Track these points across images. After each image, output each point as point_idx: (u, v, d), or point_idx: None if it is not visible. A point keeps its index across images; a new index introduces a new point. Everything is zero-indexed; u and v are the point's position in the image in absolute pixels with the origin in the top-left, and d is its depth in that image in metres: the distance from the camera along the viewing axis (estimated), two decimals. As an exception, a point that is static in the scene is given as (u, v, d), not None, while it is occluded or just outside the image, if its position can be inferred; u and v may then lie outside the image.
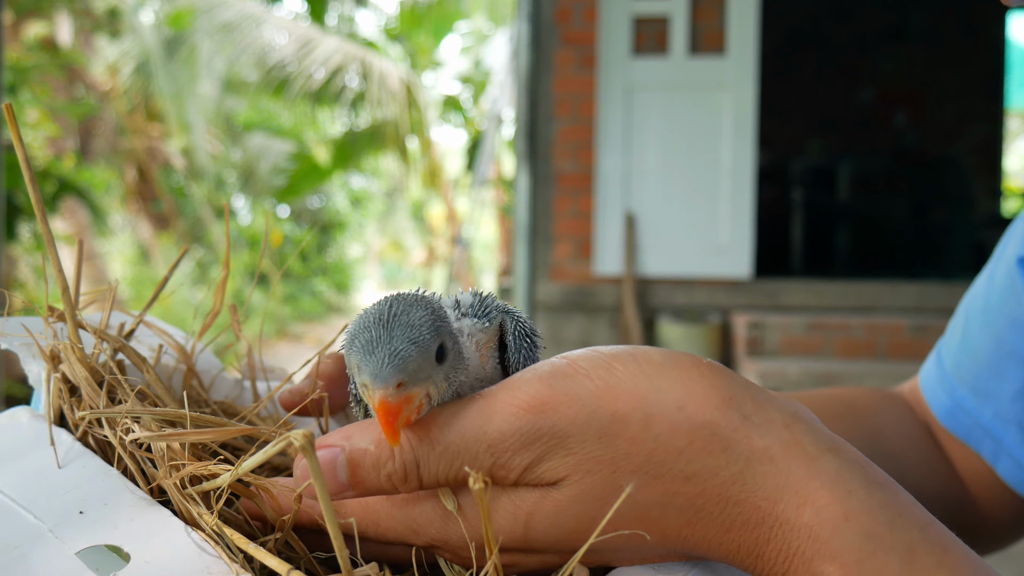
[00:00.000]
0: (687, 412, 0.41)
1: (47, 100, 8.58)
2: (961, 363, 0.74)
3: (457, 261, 9.69)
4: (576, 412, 0.41)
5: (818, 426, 0.42)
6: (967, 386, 0.73)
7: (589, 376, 0.42)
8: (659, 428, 0.40)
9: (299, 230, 15.02)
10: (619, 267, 5.41)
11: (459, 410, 0.42)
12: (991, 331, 0.72)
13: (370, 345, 0.42)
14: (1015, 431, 0.70)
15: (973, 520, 0.77)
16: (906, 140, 8.02)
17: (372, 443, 0.42)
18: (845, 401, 0.77)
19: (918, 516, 0.40)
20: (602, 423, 0.40)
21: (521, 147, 5.56)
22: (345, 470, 0.42)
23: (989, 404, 0.72)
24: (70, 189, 6.75)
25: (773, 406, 0.42)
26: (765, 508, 0.40)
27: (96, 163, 10.73)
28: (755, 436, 0.40)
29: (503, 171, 11.97)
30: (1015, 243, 0.71)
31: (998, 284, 0.72)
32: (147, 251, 13.07)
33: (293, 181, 11.48)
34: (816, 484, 0.39)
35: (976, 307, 0.74)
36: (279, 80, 10.04)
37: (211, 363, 0.65)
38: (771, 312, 5.22)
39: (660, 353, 0.43)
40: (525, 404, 0.41)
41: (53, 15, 9.42)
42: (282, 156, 12.57)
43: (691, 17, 5.37)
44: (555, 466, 0.41)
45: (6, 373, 6.15)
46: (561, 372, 0.42)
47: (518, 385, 0.42)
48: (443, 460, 0.42)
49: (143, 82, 10.70)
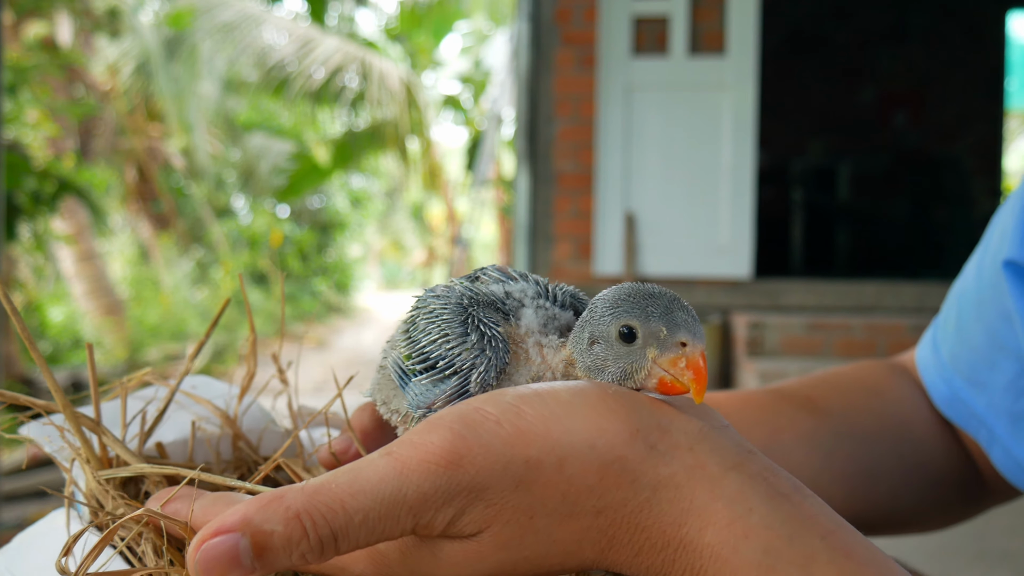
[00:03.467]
0: (597, 450, 0.41)
1: (47, 100, 8.58)
2: (957, 354, 0.75)
3: (457, 261, 9.69)
4: (492, 463, 0.40)
5: (723, 443, 0.43)
6: (963, 376, 0.75)
7: (499, 423, 0.41)
8: (572, 469, 0.41)
9: (299, 230, 15.02)
10: (619, 267, 5.41)
11: (367, 472, 0.40)
12: (984, 324, 0.73)
13: (671, 309, 0.45)
14: (1006, 421, 0.71)
15: (982, 491, 0.79)
16: (906, 140, 8.02)
17: (280, 522, 0.39)
18: (867, 387, 0.78)
19: (821, 525, 0.41)
20: (518, 472, 0.40)
21: (521, 147, 5.56)
22: (250, 555, 0.39)
23: (983, 395, 0.73)
24: (70, 189, 6.75)
25: (679, 430, 0.43)
26: (670, 532, 0.41)
27: (96, 163, 10.73)
28: (660, 465, 0.41)
29: (503, 171, 11.97)
30: (998, 241, 0.72)
31: (988, 277, 0.72)
32: (147, 251, 13.06)
33: (293, 181, 11.48)
34: (718, 505, 0.41)
35: (968, 299, 0.75)
36: (279, 80, 10.04)
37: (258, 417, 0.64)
38: (771, 312, 5.22)
39: (568, 390, 0.43)
40: (441, 460, 0.40)
41: (53, 15, 9.42)
42: (282, 156, 12.57)
43: (691, 17, 5.37)
44: (475, 518, 0.41)
45: (6, 373, 6.14)
46: (470, 421, 0.41)
47: (429, 439, 0.41)
48: (363, 530, 0.40)
49: (143, 82, 10.70)
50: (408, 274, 20.73)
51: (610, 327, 0.46)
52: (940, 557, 2.77)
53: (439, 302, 0.51)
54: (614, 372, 0.46)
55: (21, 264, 8.66)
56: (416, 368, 0.50)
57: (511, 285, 0.52)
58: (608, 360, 0.46)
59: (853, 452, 0.73)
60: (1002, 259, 0.68)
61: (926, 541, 2.85)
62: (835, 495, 0.72)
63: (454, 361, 0.48)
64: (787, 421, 0.72)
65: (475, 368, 0.48)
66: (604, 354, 0.46)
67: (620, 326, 0.46)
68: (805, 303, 5.32)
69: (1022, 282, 0.67)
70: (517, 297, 0.51)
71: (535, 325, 0.50)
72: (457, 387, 0.48)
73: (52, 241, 8.65)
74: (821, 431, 0.73)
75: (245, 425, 0.63)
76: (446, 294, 0.51)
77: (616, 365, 0.46)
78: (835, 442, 0.72)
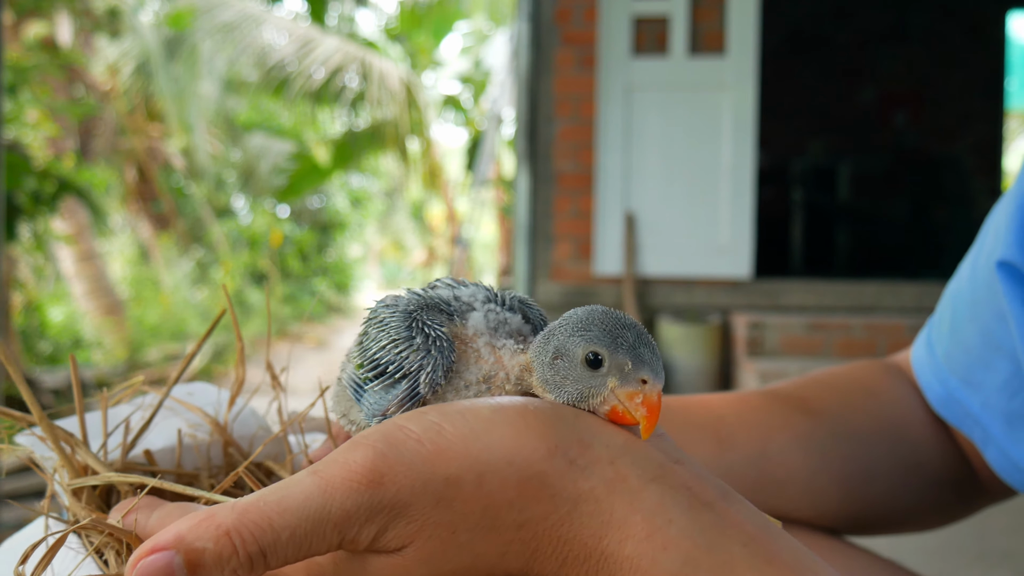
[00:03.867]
0: (516, 466, 0.42)
1: (47, 100, 8.58)
2: (952, 354, 0.76)
3: (457, 261, 9.69)
4: (413, 481, 0.42)
5: (647, 454, 0.44)
6: (958, 376, 0.75)
7: (420, 441, 0.43)
8: (491, 485, 0.42)
9: (299, 230, 15.02)
10: (619, 267, 5.41)
11: (294, 491, 0.42)
12: (979, 324, 0.73)
13: (638, 344, 0.46)
14: (1001, 421, 0.72)
15: (978, 490, 0.79)
16: (906, 140, 8.02)
17: (211, 540, 0.41)
18: (863, 387, 0.78)
19: (744, 532, 0.42)
20: (438, 489, 0.42)
21: (521, 147, 5.56)
22: (183, 572, 0.41)
23: (978, 394, 0.73)
24: (70, 189, 6.75)
25: (600, 443, 0.44)
26: (591, 544, 0.42)
27: (96, 163, 10.73)
28: (580, 479, 0.43)
29: (503, 171, 11.97)
30: (992, 241, 0.72)
31: (982, 277, 0.73)
32: (147, 251, 13.07)
33: (293, 181, 11.47)
34: (637, 518, 0.42)
35: (963, 299, 0.76)
36: (279, 80, 10.04)
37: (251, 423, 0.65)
38: (771, 312, 5.22)
39: (489, 408, 0.44)
40: (363, 478, 0.41)
41: (53, 15, 9.42)
42: (282, 156, 12.57)
43: (691, 17, 5.37)
44: (399, 534, 0.42)
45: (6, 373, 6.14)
46: (393, 440, 0.43)
47: (352, 458, 0.42)
48: (291, 546, 0.41)
49: (143, 82, 10.70)
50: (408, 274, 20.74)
51: (577, 348, 0.47)
52: (940, 557, 2.77)
53: (388, 311, 0.52)
54: (571, 392, 0.47)
55: (21, 264, 8.66)
56: (368, 376, 0.51)
57: (460, 290, 0.54)
58: (568, 379, 0.47)
59: (849, 453, 0.73)
60: (996, 260, 0.69)
61: (926, 541, 2.86)
62: (832, 496, 0.72)
63: (402, 365, 0.49)
64: (782, 422, 0.73)
65: (423, 369, 0.49)
66: (566, 372, 0.47)
67: (588, 351, 0.47)
68: (805, 303, 5.32)
69: (1016, 283, 0.67)
70: (466, 301, 0.53)
71: (484, 327, 0.51)
72: (408, 390, 0.49)
73: (52, 241, 8.65)
74: (817, 432, 0.73)
75: (237, 430, 0.63)
76: (395, 303, 0.53)
77: (575, 386, 0.47)
78: (831, 443, 0.73)
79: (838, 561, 0.69)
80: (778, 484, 0.71)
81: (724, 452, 0.70)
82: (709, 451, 0.70)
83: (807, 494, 0.72)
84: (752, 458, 0.70)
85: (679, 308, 5.41)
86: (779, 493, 0.71)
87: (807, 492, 0.71)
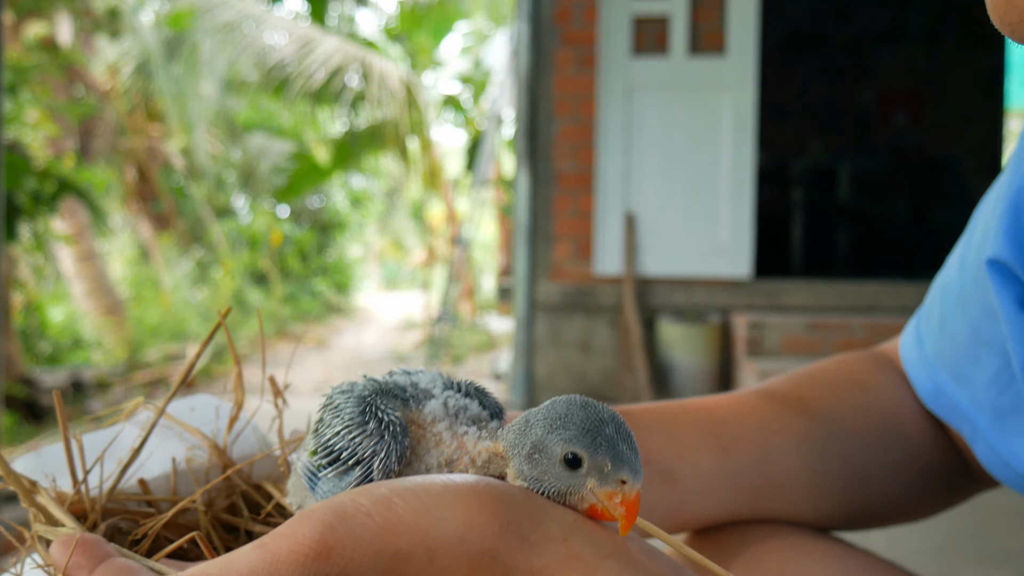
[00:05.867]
0: (467, 543, 0.42)
1: (47, 100, 8.58)
2: (941, 348, 0.76)
3: (457, 261, 9.70)
4: (361, 555, 0.41)
5: (597, 531, 0.44)
6: (947, 371, 0.75)
7: (371, 515, 0.42)
8: (442, 562, 0.42)
9: (299, 230, 15.02)
10: (619, 267, 5.41)
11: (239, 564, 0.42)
12: (967, 319, 0.73)
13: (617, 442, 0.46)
14: (989, 416, 0.71)
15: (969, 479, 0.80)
16: (906, 140, 8.02)
17: None
18: (855, 382, 0.78)
19: None
20: (387, 564, 0.41)
21: (521, 147, 5.56)
22: None
23: (966, 389, 0.73)
24: (70, 189, 6.75)
25: (551, 520, 0.44)
26: None
27: (96, 163, 10.73)
28: (533, 556, 0.42)
29: (503, 171, 11.97)
30: (980, 238, 0.72)
31: (971, 272, 0.72)
32: (147, 251, 13.07)
33: (293, 181, 11.48)
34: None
35: (951, 294, 0.76)
36: (279, 80, 10.04)
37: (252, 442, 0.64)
38: (771, 312, 5.22)
39: (441, 484, 0.44)
40: (310, 552, 0.41)
41: (53, 15, 9.42)
42: (282, 156, 12.57)
43: (691, 17, 5.37)
44: None
45: (6, 373, 6.14)
46: (342, 513, 0.42)
47: (300, 531, 0.42)
48: None
49: (143, 82, 10.70)
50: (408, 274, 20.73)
51: (556, 448, 0.47)
52: (940, 557, 2.77)
53: (343, 396, 0.52)
54: (550, 490, 0.47)
55: (21, 264, 8.66)
56: (322, 463, 0.51)
57: (418, 376, 0.54)
58: (547, 476, 0.47)
59: (846, 452, 0.73)
60: (986, 257, 0.68)
61: (926, 541, 2.86)
62: (833, 496, 0.72)
63: (356, 451, 0.49)
64: (780, 425, 0.73)
65: (376, 455, 0.49)
66: (544, 468, 0.47)
67: (567, 452, 0.47)
68: (805, 303, 5.32)
69: (1007, 281, 0.67)
70: (424, 387, 0.53)
71: (443, 412, 0.51)
72: (361, 476, 0.49)
73: (52, 241, 8.65)
74: (814, 433, 0.73)
75: (238, 451, 0.62)
76: (350, 388, 0.52)
77: (554, 485, 0.47)
78: (828, 443, 0.73)
79: (838, 564, 0.69)
80: (780, 488, 0.71)
81: (728, 458, 0.70)
82: (713, 458, 0.70)
83: (809, 496, 0.72)
84: (755, 463, 0.70)
85: (679, 308, 5.41)
86: (782, 497, 0.71)
87: (809, 494, 0.72)
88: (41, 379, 6.82)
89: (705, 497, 0.69)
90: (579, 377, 5.46)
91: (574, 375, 5.47)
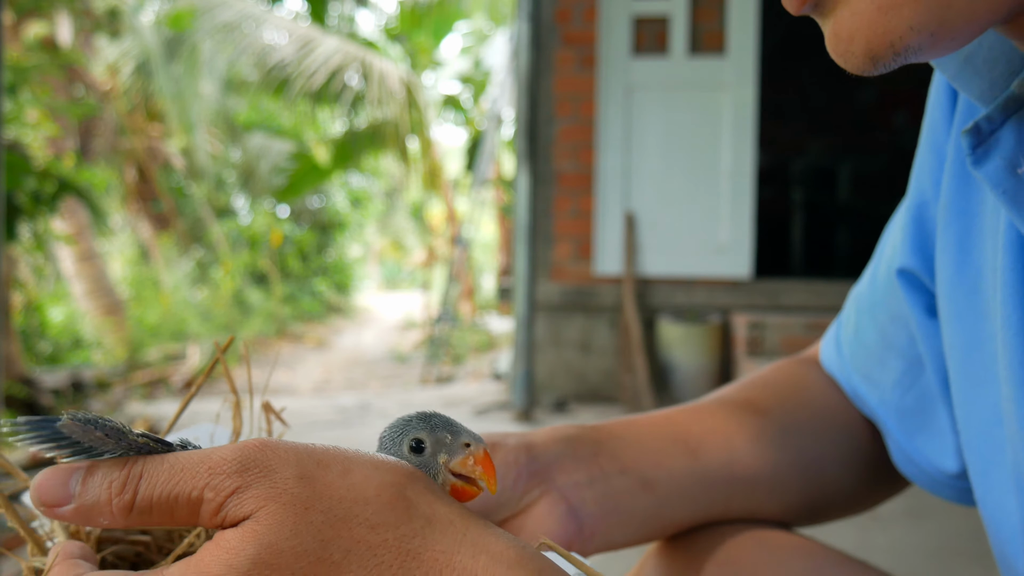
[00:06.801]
0: (380, 471, 0.46)
1: (47, 100, 8.58)
2: (855, 353, 0.81)
3: (457, 261, 9.70)
4: (287, 455, 0.46)
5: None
6: (859, 374, 0.80)
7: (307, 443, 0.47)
8: (355, 477, 0.46)
9: (299, 230, 15.02)
10: (619, 267, 5.41)
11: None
12: (876, 324, 0.78)
13: (451, 422, 0.52)
14: (895, 416, 0.77)
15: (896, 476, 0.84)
16: (906, 140, 8.02)
17: (117, 463, 0.46)
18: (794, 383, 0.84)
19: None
20: (306, 467, 0.45)
21: (521, 147, 5.56)
22: (79, 479, 0.46)
23: (876, 391, 0.78)
24: (70, 189, 6.75)
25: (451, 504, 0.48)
26: (443, 559, 0.45)
27: (96, 163, 10.74)
28: (437, 504, 0.47)
29: (503, 171, 11.97)
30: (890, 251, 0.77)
31: (881, 282, 0.78)
32: (147, 251, 13.07)
33: (293, 181, 11.48)
34: (492, 538, 0.45)
35: (864, 302, 0.81)
36: (279, 80, 10.04)
37: None
38: (771, 312, 5.22)
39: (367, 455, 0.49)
40: (248, 444, 0.46)
41: (53, 15, 9.42)
42: (282, 156, 12.58)
43: (691, 17, 5.37)
44: (256, 494, 0.44)
45: (6, 373, 6.14)
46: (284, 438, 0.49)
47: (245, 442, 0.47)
48: (163, 474, 0.45)
49: (143, 82, 10.70)
50: (408, 274, 20.72)
51: (401, 445, 0.51)
52: (940, 557, 2.77)
53: None
54: None
55: (21, 264, 8.66)
56: None
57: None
58: None
59: (800, 445, 0.78)
60: (896, 267, 0.73)
61: (926, 541, 2.86)
62: (793, 488, 0.77)
63: None
64: (738, 426, 0.77)
65: None
66: None
67: (410, 440, 0.51)
68: (805, 303, 5.32)
69: (915, 289, 0.72)
70: None
71: None
72: None
73: (52, 241, 8.65)
74: (768, 429, 0.78)
75: None
76: None
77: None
78: (783, 437, 0.78)
79: (808, 562, 0.72)
80: (747, 484, 0.75)
81: (697, 462, 0.74)
82: (684, 462, 0.73)
83: (773, 491, 0.76)
84: (722, 463, 0.74)
85: (679, 308, 5.41)
86: (749, 494, 0.75)
87: (773, 488, 0.76)
88: (41, 379, 6.82)
89: (681, 501, 0.72)
90: (579, 377, 5.46)
91: (574, 375, 5.47)
